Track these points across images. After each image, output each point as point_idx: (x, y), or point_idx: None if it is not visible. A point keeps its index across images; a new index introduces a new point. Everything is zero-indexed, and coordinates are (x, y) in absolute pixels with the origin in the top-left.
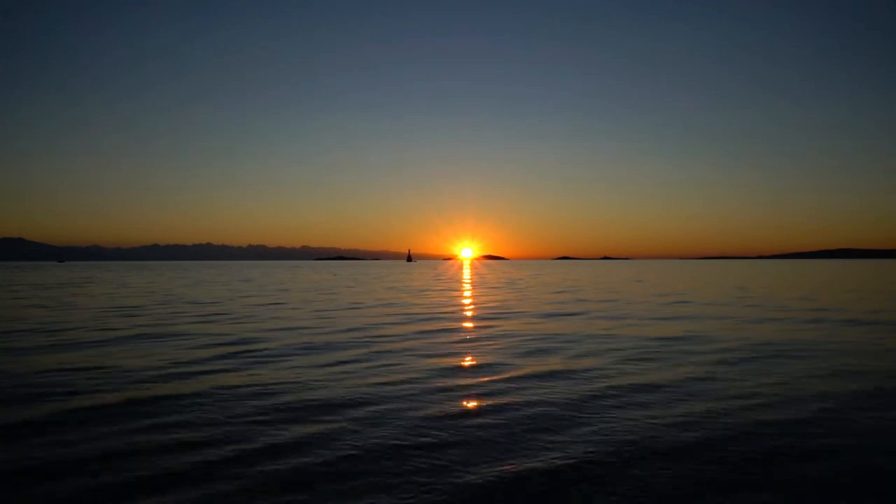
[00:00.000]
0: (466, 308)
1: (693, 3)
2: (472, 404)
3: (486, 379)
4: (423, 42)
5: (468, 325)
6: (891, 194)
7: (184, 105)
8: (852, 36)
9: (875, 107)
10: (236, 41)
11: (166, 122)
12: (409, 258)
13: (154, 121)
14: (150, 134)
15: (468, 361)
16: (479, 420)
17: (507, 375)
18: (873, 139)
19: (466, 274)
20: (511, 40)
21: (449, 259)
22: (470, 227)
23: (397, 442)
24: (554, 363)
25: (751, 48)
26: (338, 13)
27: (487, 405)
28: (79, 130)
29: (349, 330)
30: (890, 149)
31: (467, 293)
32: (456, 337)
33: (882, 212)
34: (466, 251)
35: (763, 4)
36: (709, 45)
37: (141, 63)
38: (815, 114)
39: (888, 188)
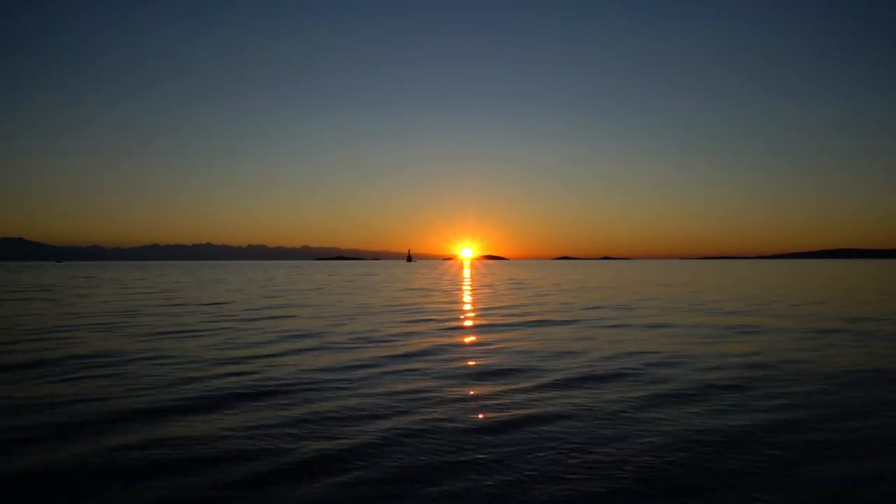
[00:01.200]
0: (491, 313)
1: (693, 3)
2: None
3: (570, 409)
4: (423, 42)
5: (505, 334)
6: (891, 194)
7: (184, 105)
8: (852, 36)
9: (875, 107)
10: (236, 41)
11: (166, 122)
12: (409, 258)
13: (154, 121)
14: (150, 134)
15: (527, 390)
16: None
17: (592, 406)
18: (873, 139)
19: (472, 274)
20: (511, 40)
21: (449, 259)
22: (470, 227)
23: None
24: (633, 387)
25: (751, 48)
26: (338, 13)
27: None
28: (79, 130)
29: (366, 341)
30: (890, 149)
31: (484, 296)
32: (496, 347)
33: (882, 212)
34: (466, 251)
35: (763, 4)
36: (709, 45)
37: (141, 63)
38: (815, 114)
39: (888, 188)
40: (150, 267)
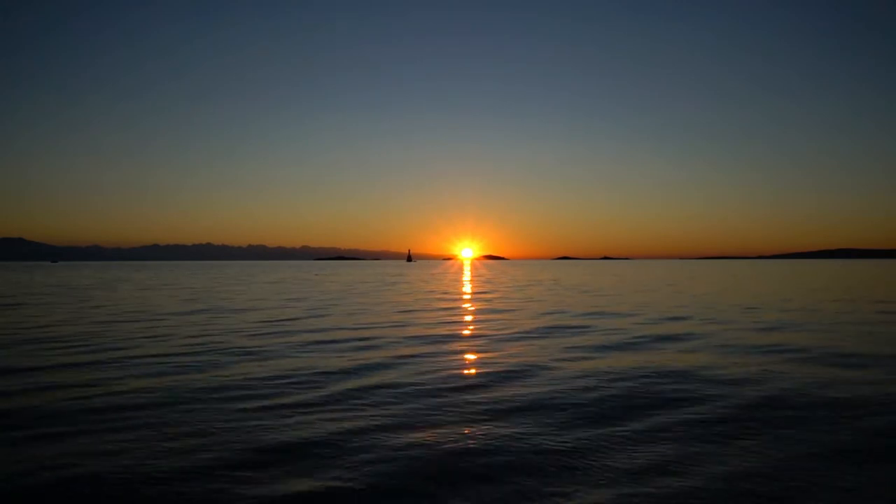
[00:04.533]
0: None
1: (693, 3)
2: None
3: None
4: (423, 42)
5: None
6: (891, 194)
7: (184, 105)
8: (852, 36)
9: (875, 107)
10: (236, 41)
11: (166, 122)
12: (410, 258)
13: (154, 121)
14: (150, 134)
15: None
16: None
17: None
18: (873, 139)
19: (481, 274)
20: (511, 40)
21: (449, 259)
22: (470, 227)
23: None
24: None
25: (751, 48)
26: (338, 13)
27: None
28: (79, 130)
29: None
30: (890, 149)
31: (523, 300)
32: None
33: (882, 212)
34: (466, 251)
35: (763, 4)
36: (709, 45)
37: (141, 63)
38: (815, 114)
39: (888, 188)
40: (153, 267)
